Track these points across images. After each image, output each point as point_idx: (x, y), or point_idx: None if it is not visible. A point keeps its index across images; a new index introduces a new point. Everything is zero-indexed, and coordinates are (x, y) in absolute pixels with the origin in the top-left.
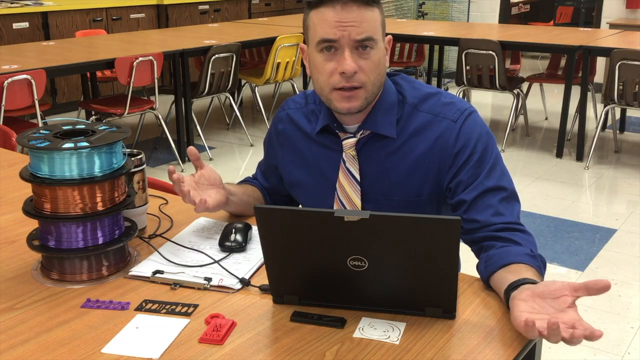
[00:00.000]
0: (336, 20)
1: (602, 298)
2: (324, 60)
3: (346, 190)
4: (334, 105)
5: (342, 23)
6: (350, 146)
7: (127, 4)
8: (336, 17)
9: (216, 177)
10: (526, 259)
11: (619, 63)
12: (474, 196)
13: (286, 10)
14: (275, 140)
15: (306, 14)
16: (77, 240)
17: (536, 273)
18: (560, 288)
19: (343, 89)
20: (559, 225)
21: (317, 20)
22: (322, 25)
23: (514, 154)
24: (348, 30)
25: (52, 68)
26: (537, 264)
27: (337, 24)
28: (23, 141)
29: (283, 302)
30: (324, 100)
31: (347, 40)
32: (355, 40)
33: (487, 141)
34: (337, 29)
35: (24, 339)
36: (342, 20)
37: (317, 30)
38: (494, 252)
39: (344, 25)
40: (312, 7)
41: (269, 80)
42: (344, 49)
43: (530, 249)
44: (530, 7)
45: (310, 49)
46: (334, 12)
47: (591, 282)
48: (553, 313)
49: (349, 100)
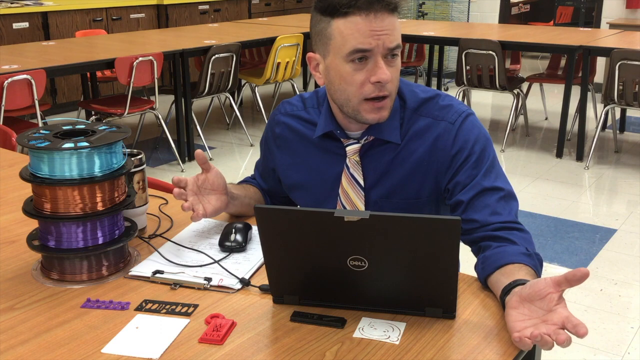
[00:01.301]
0: (370, 29)
1: (602, 298)
2: (353, 70)
3: (350, 195)
4: (363, 117)
5: (376, 32)
6: (354, 152)
7: (127, 4)
8: (370, 25)
9: (220, 183)
10: (522, 258)
11: (619, 63)
12: (471, 196)
13: (286, 10)
14: (273, 144)
15: (325, 23)
16: (77, 240)
17: (532, 272)
18: (544, 287)
19: (376, 99)
20: (559, 225)
21: (347, 29)
22: (354, 35)
23: (514, 154)
24: (382, 39)
25: (52, 68)
26: (532, 263)
27: (371, 33)
28: (23, 141)
29: (283, 302)
30: (348, 111)
31: (380, 49)
32: (388, 49)
33: (485, 143)
34: (372, 38)
35: (24, 339)
36: (376, 28)
37: (349, 40)
38: (490, 253)
39: (378, 34)
40: (338, 16)
41: (269, 80)
42: (376, 57)
43: (526, 248)
44: (530, 7)
45: (332, 59)
46: (368, 21)
47: (570, 274)
48: (543, 315)
49: (379, 111)
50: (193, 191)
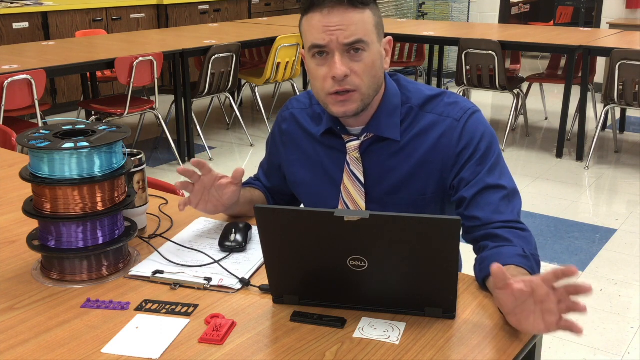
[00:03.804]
0: (323, 25)
1: (602, 298)
2: (316, 65)
3: (351, 192)
4: (330, 110)
5: (329, 27)
6: (354, 149)
7: (127, 4)
8: (323, 21)
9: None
10: (517, 260)
11: (619, 63)
12: (474, 193)
13: (286, 10)
14: (279, 140)
15: (300, 21)
16: (77, 240)
17: (527, 274)
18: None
19: (337, 93)
20: (559, 225)
21: (307, 26)
22: (311, 31)
23: (514, 154)
24: (336, 34)
25: (52, 68)
26: (528, 264)
27: (324, 29)
28: (23, 141)
29: (283, 302)
30: (322, 104)
31: (335, 44)
32: (344, 44)
33: (490, 140)
34: (325, 33)
35: (24, 339)
36: (329, 24)
37: (308, 36)
38: (486, 255)
39: (331, 30)
40: (304, 14)
41: (269, 80)
42: (334, 53)
43: (523, 249)
44: (530, 7)
45: (305, 54)
46: (321, 17)
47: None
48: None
49: (343, 105)
50: (203, 185)
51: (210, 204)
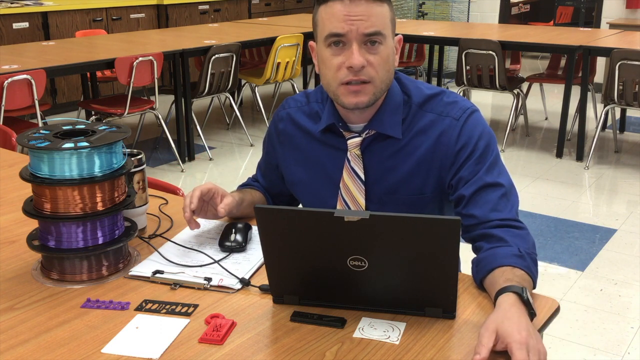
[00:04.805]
0: (344, 14)
1: (602, 298)
2: (331, 54)
3: (350, 189)
4: (341, 101)
5: (350, 17)
6: (355, 145)
7: (127, 4)
8: (344, 10)
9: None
10: (512, 260)
11: (619, 63)
12: (472, 191)
13: (286, 10)
14: (276, 140)
15: (315, 10)
16: (77, 240)
17: (523, 274)
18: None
19: (350, 83)
20: (559, 225)
21: (326, 14)
22: (330, 20)
23: (514, 154)
24: (356, 24)
25: (52, 68)
26: (524, 264)
27: (345, 18)
28: (23, 141)
29: (283, 302)
30: (331, 96)
31: (355, 34)
32: (364, 35)
33: (489, 139)
34: (346, 22)
35: (24, 339)
36: (350, 13)
37: (326, 24)
38: (482, 256)
39: (352, 19)
40: (322, 3)
41: (269, 80)
42: (352, 43)
43: (519, 248)
44: (530, 7)
45: (318, 44)
46: (343, 6)
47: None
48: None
49: (356, 95)
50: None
51: (209, 213)
